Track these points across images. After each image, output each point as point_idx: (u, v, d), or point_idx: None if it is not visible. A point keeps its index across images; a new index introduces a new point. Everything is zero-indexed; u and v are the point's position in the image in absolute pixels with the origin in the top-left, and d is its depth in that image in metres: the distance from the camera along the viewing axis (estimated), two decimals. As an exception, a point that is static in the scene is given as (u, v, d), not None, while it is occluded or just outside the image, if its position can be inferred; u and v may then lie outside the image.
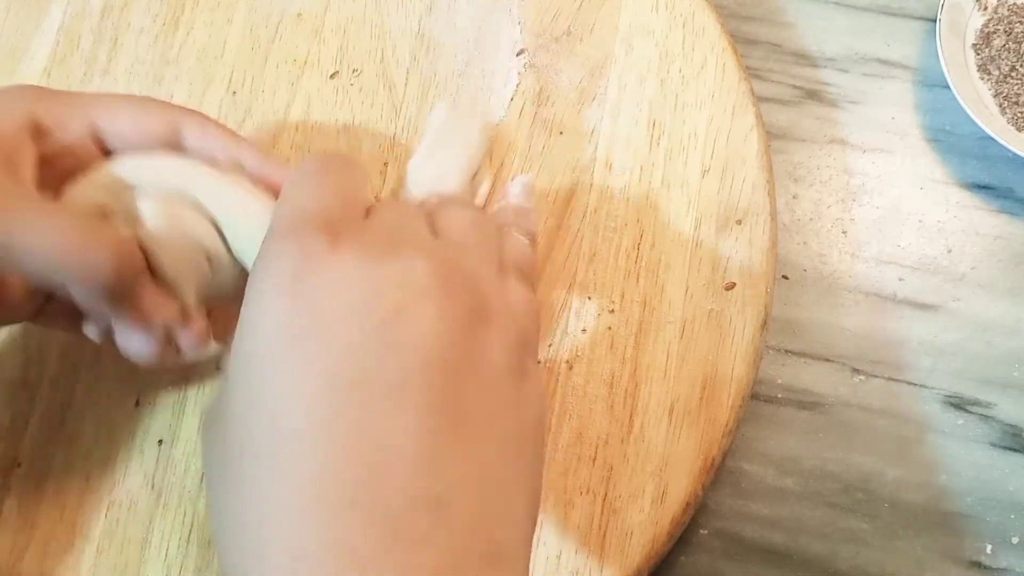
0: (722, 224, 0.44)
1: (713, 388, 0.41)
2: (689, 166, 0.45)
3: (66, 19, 0.49)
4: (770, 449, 0.45)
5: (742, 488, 0.45)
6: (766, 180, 0.44)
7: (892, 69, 0.51)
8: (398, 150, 0.46)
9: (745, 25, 0.52)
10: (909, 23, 0.52)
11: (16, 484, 0.42)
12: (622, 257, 0.44)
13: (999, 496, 0.44)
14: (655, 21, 0.47)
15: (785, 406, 0.46)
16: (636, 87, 0.46)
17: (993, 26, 0.50)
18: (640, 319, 0.43)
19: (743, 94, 0.45)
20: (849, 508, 0.44)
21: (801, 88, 0.51)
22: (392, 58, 0.47)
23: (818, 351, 0.47)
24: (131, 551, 0.41)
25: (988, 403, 0.46)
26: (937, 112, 0.50)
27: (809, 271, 0.48)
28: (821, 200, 0.49)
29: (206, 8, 0.49)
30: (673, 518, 0.40)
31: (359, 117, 0.46)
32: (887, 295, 0.47)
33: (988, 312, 0.47)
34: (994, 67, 0.49)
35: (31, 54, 0.48)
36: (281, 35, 0.48)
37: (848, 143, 0.50)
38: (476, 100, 0.46)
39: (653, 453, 0.41)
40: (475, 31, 0.48)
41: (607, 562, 0.39)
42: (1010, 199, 0.49)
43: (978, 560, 0.43)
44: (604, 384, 0.42)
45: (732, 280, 0.43)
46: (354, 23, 0.48)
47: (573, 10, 0.47)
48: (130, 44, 0.48)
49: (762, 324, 0.42)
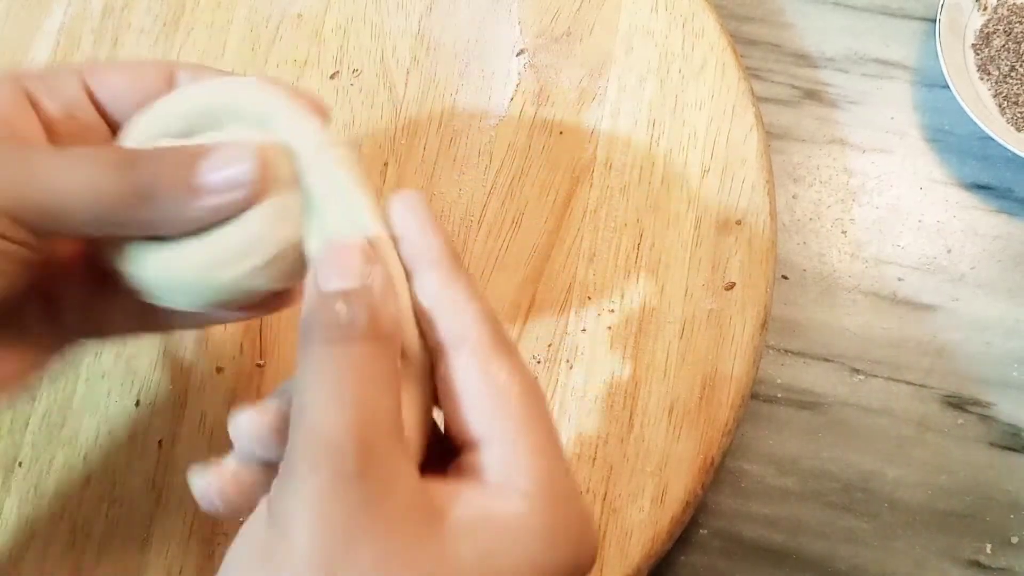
0: (722, 224, 0.44)
1: (713, 388, 0.41)
2: (689, 166, 0.45)
3: (67, 19, 0.49)
4: (770, 449, 0.45)
5: (742, 488, 0.45)
6: (766, 180, 0.44)
7: (892, 69, 0.51)
8: (398, 150, 0.46)
9: (745, 25, 0.52)
10: (908, 23, 0.52)
11: (16, 484, 0.42)
12: (622, 257, 0.44)
13: (998, 496, 0.44)
14: (655, 21, 0.47)
15: (784, 406, 0.46)
16: (636, 87, 0.46)
17: (993, 26, 0.50)
18: (640, 319, 0.43)
19: (743, 94, 0.45)
20: (848, 508, 0.44)
21: (801, 88, 0.51)
22: (392, 58, 0.47)
23: (817, 351, 0.47)
24: (131, 551, 0.41)
25: (987, 403, 0.46)
26: (937, 112, 0.50)
27: (809, 271, 0.48)
28: (821, 200, 0.49)
29: (206, 9, 0.49)
30: (673, 518, 0.40)
31: (359, 117, 0.47)
32: (886, 295, 0.47)
33: (987, 312, 0.47)
34: (994, 67, 0.49)
35: (32, 54, 0.48)
36: (281, 36, 0.48)
37: (848, 143, 0.50)
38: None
39: (653, 453, 0.41)
40: (475, 31, 0.48)
41: (607, 562, 0.39)
42: (1009, 199, 0.49)
43: (977, 560, 0.43)
44: (604, 384, 0.42)
45: (732, 280, 0.43)
46: (354, 23, 0.48)
47: (573, 10, 0.47)
48: (131, 44, 0.48)
49: (762, 324, 0.42)
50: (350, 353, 0.25)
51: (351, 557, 0.23)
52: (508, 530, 0.24)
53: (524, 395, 0.26)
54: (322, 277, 0.26)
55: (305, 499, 0.23)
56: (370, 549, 0.23)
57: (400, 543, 0.23)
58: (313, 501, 0.23)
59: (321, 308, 0.25)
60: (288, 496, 0.24)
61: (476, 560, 0.24)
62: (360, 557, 0.23)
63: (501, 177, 0.45)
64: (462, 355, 0.26)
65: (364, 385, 0.24)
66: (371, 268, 0.26)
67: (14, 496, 0.41)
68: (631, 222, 0.44)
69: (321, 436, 0.24)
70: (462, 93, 0.47)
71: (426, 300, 0.27)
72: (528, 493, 0.25)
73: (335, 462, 0.23)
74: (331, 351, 0.25)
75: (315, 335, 0.25)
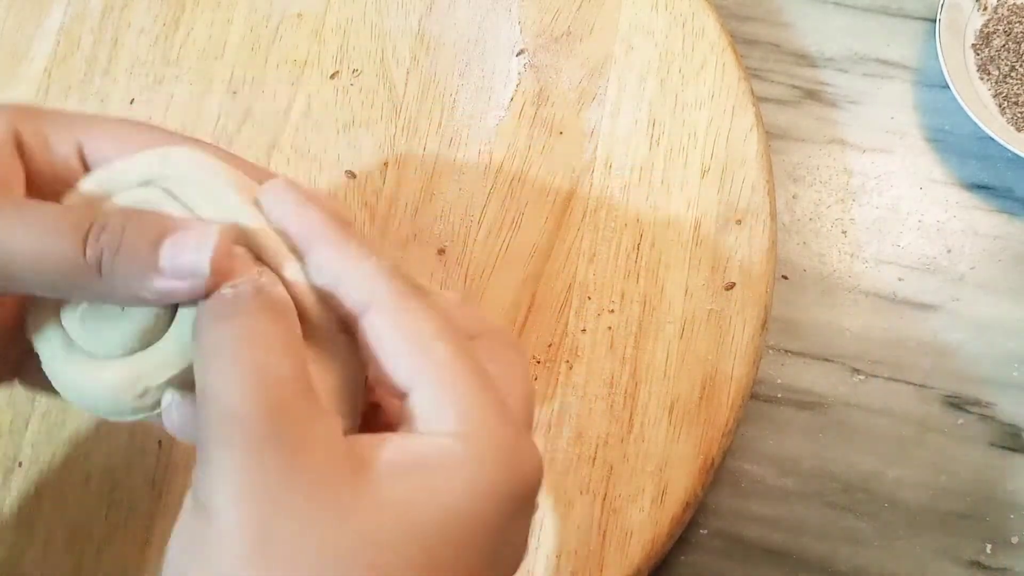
0: (722, 224, 0.44)
1: (713, 388, 0.41)
2: (689, 166, 0.45)
3: (67, 19, 0.49)
4: (770, 449, 0.45)
5: (742, 488, 0.45)
6: (766, 180, 0.44)
7: (891, 69, 0.51)
8: (398, 150, 0.46)
9: (745, 25, 0.52)
10: (908, 23, 0.52)
11: (16, 484, 0.42)
12: (622, 257, 0.44)
13: (998, 496, 0.44)
14: (655, 21, 0.47)
15: (785, 406, 0.46)
16: (636, 87, 0.46)
17: (993, 26, 0.50)
18: (640, 319, 0.43)
19: (743, 94, 0.45)
20: (849, 508, 0.44)
21: (801, 88, 0.51)
22: (392, 58, 0.47)
23: (818, 351, 0.47)
24: (131, 551, 0.41)
25: (988, 403, 0.46)
26: (936, 112, 0.50)
27: (809, 271, 0.48)
28: (821, 200, 0.49)
29: (206, 8, 0.49)
30: (673, 518, 0.40)
31: (359, 117, 0.47)
32: (887, 295, 0.47)
33: (987, 312, 0.47)
34: (994, 67, 0.49)
35: (31, 54, 0.48)
36: (281, 35, 0.48)
37: (848, 143, 0.50)
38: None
39: (653, 453, 0.41)
40: (475, 31, 0.48)
41: (607, 562, 0.39)
42: (1009, 199, 0.49)
43: (977, 560, 0.43)
44: (604, 384, 0.42)
45: (732, 280, 0.43)
46: (354, 23, 0.48)
47: (573, 10, 0.47)
48: (130, 44, 0.48)
49: (762, 324, 0.42)
50: (241, 323, 0.24)
51: (279, 522, 0.22)
52: (438, 467, 0.24)
53: (437, 337, 0.25)
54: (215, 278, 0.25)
55: (221, 475, 0.23)
56: (296, 510, 0.23)
57: (326, 498, 0.23)
58: (229, 475, 0.23)
59: (212, 299, 0.25)
60: (206, 479, 0.23)
61: (407, 498, 0.23)
62: (288, 520, 0.22)
63: (501, 177, 0.45)
64: (370, 316, 0.26)
65: (260, 351, 0.24)
66: (240, 250, 0.26)
67: (14, 496, 0.41)
68: (631, 222, 0.44)
69: (225, 408, 0.23)
70: (462, 93, 0.47)
71: (322, 277, 0.26)
72: (454, 431, 0.24)
73: (244, 430, 0.23)
74: (221, 326, 0.25)
75: (205, 317, 0.25)
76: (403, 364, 0.25)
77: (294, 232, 0.27)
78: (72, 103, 0.47)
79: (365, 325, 0.26)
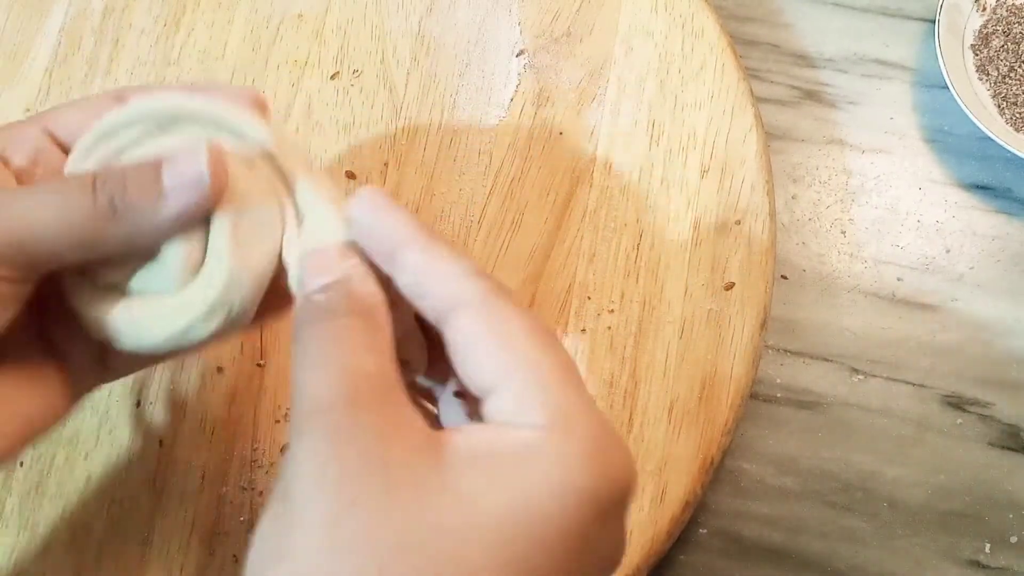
0: (721, 224, 0.44)
1: (712, 388, 0.41)
2: (688, 166, 0.45)
3: (68, 20, 0.49)
4: (769, 448, 0.45)
5: (741, 487, 0.45)
6: (765, 180, 0.44)
7: (891, 70, 0.51)
8: (398, 150, 0.46)
9: (744, 26, 0.52)
10: (908, 24, 0.52)
11: (16, 484, 0.42)
12: (622, 257, 0.44)
13: (997, 495, 0.44)
14: (654, 22, 0.47)
15: (784, 406, 0.46)
16: (636, 88, 0.46)
17: (992, 27, 0.50)
18: (640, 319, 0.43)
19: (742, 95, 0.46)
20: (848, 507, 0.44)
21: (800, 89, 0.51)
22: (392, 59, 0.47)
23: (817, 351, 0.47)
24: (131, 551, 0.41)
25: (987, 403, 0.46)
26: (936, 113, 0.50)
27: (808, 271, 0.48)
28: (820, 200, 0.49)
29: (207, 9, 0.49)
30: (672, 517, 0.40)
31: (359, 118, 0.47)
32: (886, 295, 0.47)
33: (986, 312, 0.47)
34: (993, 68, 0.49)
35: (32, 55, 0.48)
36: (282, 36, 0.48)
37: (847, 143, 0.50)
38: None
39: (652, 452, 0.41)
40: (475, 32, 0.48)
41: (607, 561, 0.39)
42: (1008, 199, 0.49)
43: (976, 559, 0.43)
44: (604, 384, 0.42)
45: (731, 280, 0.43)
46: (354, 24, 0.48)
47: (573, 11, 0.48)
48: (131, 45, 0.48)
49: (761, 324, 0.42)
50: (331, 326, 0.26)
51: (355, 511, 0.23)
52: (518, 458, 0.24)
53: (528, 335, 0.26)
54: (307, 282, 0.28)
55: (302, 464, 0.24)
56: (374, 500, 0.23)
57: (404, 489, 0.23)
58: (309, 464, 0.24)
59: (305, 304, 0.27)
60: (290, 467, 0.24)
61: (485, 487, 0.24)
62: (364, 510, 0.23)
63: (501, 177, 0.45)
64: (461, 317, 0.26)
65: (346, 350, 0.26)
66: (347, 262, 0.28)
67: (14, 496, 0.41)
68: (631, 222, 0.44)
69: (311, 402, 0.25)
70: (462, 94, 0.47)
71: (411, 277, 0.27)
72: (539, 424, 0.24)
73: (325, 421, 0.24)
74: (313, 329, 0.26)
75: (300, 322, 0.27)
76: (491, 361, 0.26)
77: (385, 233, 0.28)
78: (73, 103, 0.47)
79: (452, 324, 0.26)
